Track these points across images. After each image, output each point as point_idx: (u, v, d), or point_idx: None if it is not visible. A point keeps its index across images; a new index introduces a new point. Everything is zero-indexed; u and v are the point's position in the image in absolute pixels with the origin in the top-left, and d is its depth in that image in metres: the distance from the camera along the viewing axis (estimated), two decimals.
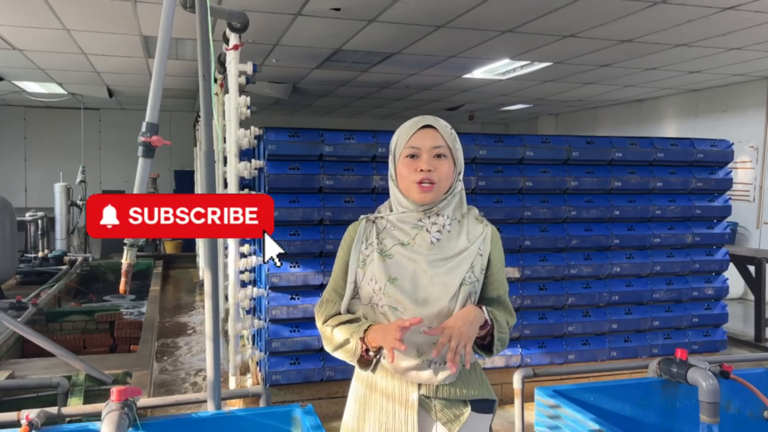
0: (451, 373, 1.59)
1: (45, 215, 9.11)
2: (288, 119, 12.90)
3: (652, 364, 2.38)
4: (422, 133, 1.61)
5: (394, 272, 1.59)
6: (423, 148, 1.59)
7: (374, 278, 1.61)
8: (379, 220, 1.67)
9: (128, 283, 2.20)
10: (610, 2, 4.85)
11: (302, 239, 3.75)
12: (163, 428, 1.92)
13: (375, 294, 1.61)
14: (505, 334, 1.64)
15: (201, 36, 2.17)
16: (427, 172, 1.57)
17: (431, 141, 1.60)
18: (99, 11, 5.30)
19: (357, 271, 1.65)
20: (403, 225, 1.63)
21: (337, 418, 3.83)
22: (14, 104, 11.57)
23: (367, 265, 1.63)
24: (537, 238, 4.20)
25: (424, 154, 1.59)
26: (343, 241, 1.71)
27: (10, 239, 6.14)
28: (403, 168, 1.61)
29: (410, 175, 1.59)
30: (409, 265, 1.59)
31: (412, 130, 1.62)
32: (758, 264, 5.73)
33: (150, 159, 2.17)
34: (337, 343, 1.65)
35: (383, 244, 1.63)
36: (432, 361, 1.59)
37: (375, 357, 1.62)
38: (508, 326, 1.66)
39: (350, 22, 5.48)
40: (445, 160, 1.60)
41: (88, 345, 5.66)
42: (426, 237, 1.61)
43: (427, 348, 1.58)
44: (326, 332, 1.68)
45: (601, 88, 9.00)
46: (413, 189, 1.59)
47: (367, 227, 1.67)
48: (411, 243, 1.61)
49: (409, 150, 1.60)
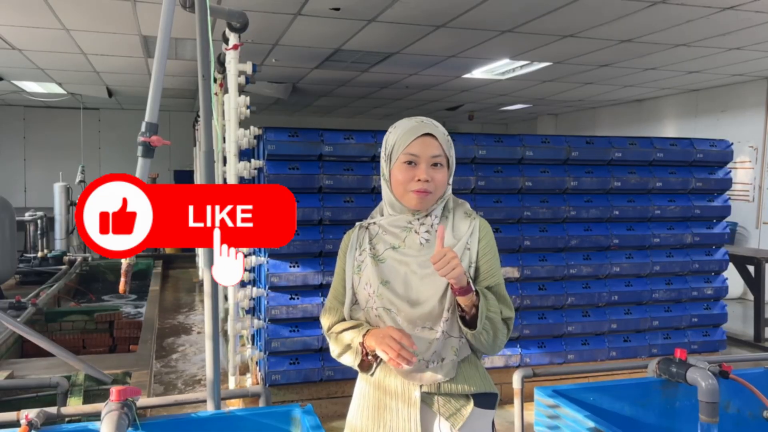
0: (450, 368, 1.60)
1: (44, 215, 9.11)
2: (288, 119, 12.90)
3: (652, 364, 2.38)
4: (422, 141, 1.59)
5: (386, 275, 1.61)
6: (422, 156, 1.58)
7: (369, 282, 1.63)
8: (371, 226, 1.70)
9: (128, 283, 2.20)
10: (610, 2, 4.84)
11: (302, 239, 3.75)
12: (163, 428, 1.92)
13: (370, 297, 1.63)
14: (494, 314, 1.57)
15: (200, 36, 2.16)
16: (424, 182, 1.57)
17: (430, 150, 1.59)
18: (98, 11, 5.30)
19: (353, 278, 1.67)
20: (394, 228, 1.65)
21: (336, 418, 3.85)
22: (14, 104, 11.57)
23: (362, 270, 1.65)
24: (536, 238, 4.20)
25: (422, 163, 1.58)
26: (340, 250, 1.74)
27: (10, 239, 6.14)
28: (399, 174, 1.60)
29: (407, 183, 1.59)
30: (400, 268, 1.61)
31: (411, 137, 1.60)
32: (757, 264, 5.73)
33: (149, 159, 2.18)
34: (339, 350, 1.68)
35: (376, 249, 1.66)
36: (429, 361, 1.60)
37: (375, 361, 1.65)
38: (501, 314, 1.60)
39: (350, 22, 5.47)
40: (441, 169, 1.61)
41: (87, 345, 5.66)
42: (415, 238, 1.63)
43: (424, 349, 1.58)
44: (331, 339, 1.72)
45: (601, 88, 9.00)
46: (409, 196, 1.60)
47: (360, 234, 1.70)
48: (401, 246, 1.63)
49: (407, 157, 1.59)
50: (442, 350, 1.60)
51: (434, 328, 1.59)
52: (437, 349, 1.59)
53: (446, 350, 1.61)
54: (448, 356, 1.61)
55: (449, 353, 1.61)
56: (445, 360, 1.61)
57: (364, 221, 1.73)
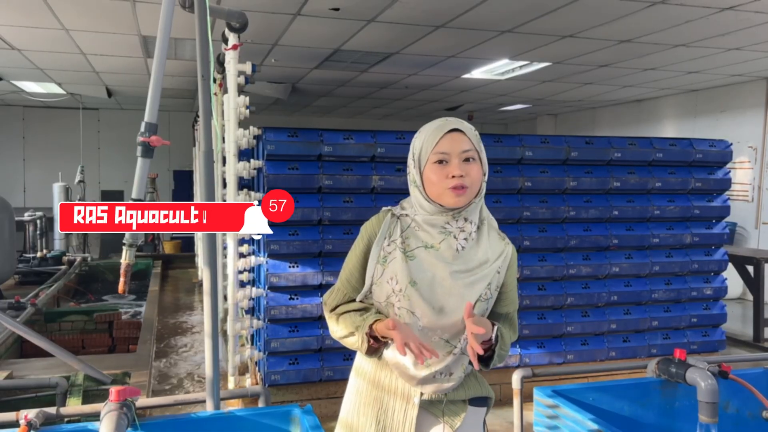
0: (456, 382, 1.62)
1: (44, 215, 9.10)
2: (287, 119, 12.90)
3: (651, 364, 2.38)
4: (450, 138, 1.54)
5: (415, 275, 1.56)
6: (452, 153, 1.53)
7: (395, 277, 1.57)
8: (403, 218, 1.62)
9: (127, 283, 2.20)
10: (609, 2, 4.85)
11: (301, 239, 3.75)
12: (162, 428, 1.92)
13: (394, 294, 1.57)
14: (505, 351, 1.64)
15: (200, 36, 2.16)
16: (459, 178, 1.51)
17: (460, 145, 1.53)
18: (98, 11, 5.30)
19: (376, 267, 1.60)
20: (431, 228, 1.57)
21: (336, 418, 3.84)
22: (13, 104, 11.57)
23: (387, 262, 1.58)
24: (536, 238, 4.20)
25: (453, 159, 1.52)
26: (363, 230, 1.65)
27: (9, 239, 6.13)
28: (432, 174, 1.54)
29: (441, 181, 1.52)
30: (429, 269, 1.55)
31: (438, 135, 1.54)
32: (757, 264, 5.73)
33: (149, 159, 2.18)
34: (344, 332, 1.66)
35: (407, 243, 1.58)
36: (437, 373, 1.59)
37: (384, 343, 1.62)
38: (509, 344, 1.67)
39: (349, 22, 5.47)
40: (474, 164, 1.54)
41: (86, 345, 5.65)
42: (452, 243, 1.56)
43: (436, 362, 1.58)
44: (331, 319, 1.69)
45: (600, 88, 9.01)
46: (446, 195, 1.52)
47: (391, 223, 1.61)
48: (436, 247, 1.56)
49: (438, 156, 1.53)
50: (453, 365, 1.60)
51: (451, 342, 1.58)
52: (449, 364, 1.59)
53: (457, 366, 1.61)
54: (457, 372, 1.62)
55: (459, 370, 1.62)
56: (453, 375, 1.61)
57: (395, 208, 1.64)
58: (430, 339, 1.56)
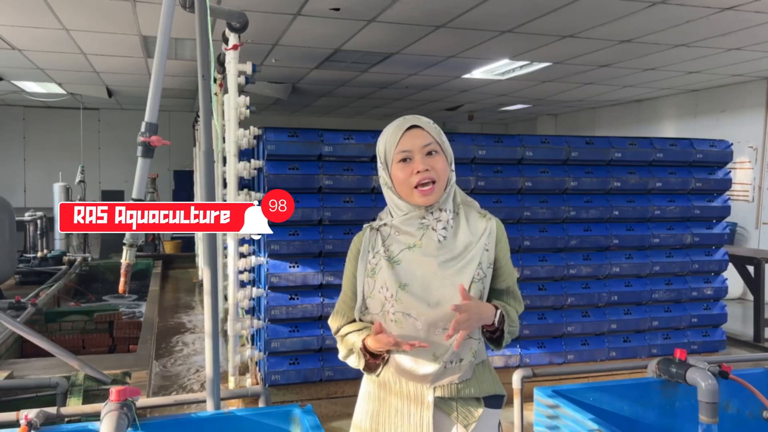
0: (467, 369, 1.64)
1: (44, 215, 9.10)
2: (287, 119, 12.90)
3: (651, 364, 2.38)
4: (409, 135, 1.59)
5: (404, 278, 1.59)
6: (414, 149, 1.58)
7: (385, 285, 1.60)
8: (383, 228, 1.66)
9: (127, 283, 2.20)
10: (609, 2, 4.85)
11: (301, 239, 3.75)
12: (163, 428, 1.92)
13: (387, 301, 1.60)
14: (515, 326, 1.67)
15: (200, 36, 2.16)
16: (424, 172, 1.56)
17: (420, 140, 1.58)
18: (98, 11, 5.30)
19: (366, 281, 1.64)
20: (408, 227, 1.61)
21: (336, 418, 3.85)
22: (13, 104, 11.57)
23: (376, 273, 1.62)
24: (536, 238, 4.20)
25: (416, 155, 1.58)
26: (349, 253, 1.70)
27: (9, 239, 6.13)
28: (399, 173, 1.59)
29: (408, 178, 1.57)
30: (418, 269, 1.58)
31: (398, 134, 1.60)
32: (757, 264, 5.73)
33: (149, 159, 2.18)
34: (345, 352, 1.70)
35: (390, 250, 1.62)
36: (447, 362, 1.60)
37: (382, 363, 1.66)
38: (517, 316, 1.69)
39: (349, 22, 5.47)
40: (437, 156, 1.59)
41: (87, 345, 5.65)
42: (433, 236, 1.59)
43: (443, 351, 1.59)
44: (338, 342, 1.73)
45: (601, 88, 9.00)
46: (414, 194, 1.58)
47: (371, 236, 1.66)
48: (418, 245, 1.60)
49: (401, 154, 1.58)
50: (461, 351, 1.61)
51: None
52: (457, 351, 1.59)
53: (465, 351, 1.62)
54: (467, 357, 1.62)
55: (468, 354, 1.63)
56: (463, 361, 1.62)
57: (374, 223, 1.68)
58: (434, 334, 1.57)
